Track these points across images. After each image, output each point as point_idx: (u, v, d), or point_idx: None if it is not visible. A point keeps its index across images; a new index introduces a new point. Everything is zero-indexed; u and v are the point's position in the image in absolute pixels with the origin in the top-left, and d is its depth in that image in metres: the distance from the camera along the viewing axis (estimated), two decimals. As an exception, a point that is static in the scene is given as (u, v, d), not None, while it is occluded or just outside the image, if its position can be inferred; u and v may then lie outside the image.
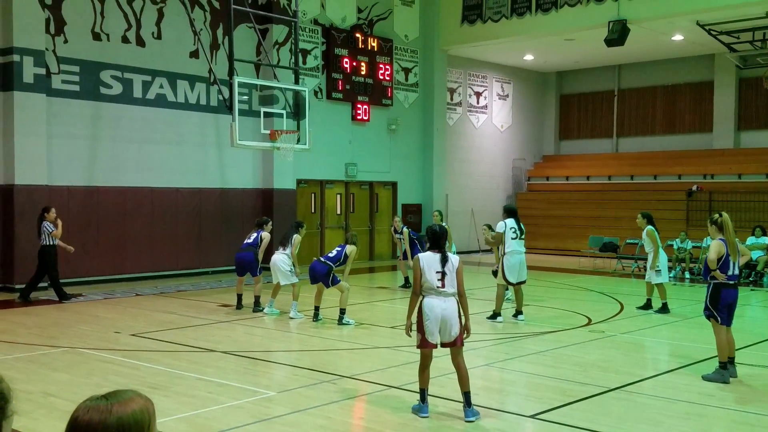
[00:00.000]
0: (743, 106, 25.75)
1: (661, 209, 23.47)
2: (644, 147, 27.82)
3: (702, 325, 9.40)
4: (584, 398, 7.87)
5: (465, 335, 7.20)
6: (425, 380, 7.24)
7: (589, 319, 12.82)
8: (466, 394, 7.13)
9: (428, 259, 7.13)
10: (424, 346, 7.13)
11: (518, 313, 12.72)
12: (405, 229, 17.01)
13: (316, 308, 12.52)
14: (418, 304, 7.18)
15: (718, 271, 8.54)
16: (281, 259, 12.92)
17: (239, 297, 13.89)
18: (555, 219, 26.36)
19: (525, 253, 12.86)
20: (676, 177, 25.35)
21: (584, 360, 9.73)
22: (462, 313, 7.16)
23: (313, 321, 12.43)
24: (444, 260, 7.10)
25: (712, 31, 21.74)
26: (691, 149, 26.48)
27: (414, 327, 7.23)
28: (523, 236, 12.76)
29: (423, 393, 7.25)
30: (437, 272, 7.06)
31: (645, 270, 14.31)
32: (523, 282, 12.84)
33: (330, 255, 12.44)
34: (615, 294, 16.18)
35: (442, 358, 7.80)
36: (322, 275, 12.18)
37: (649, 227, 13.75)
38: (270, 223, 14.33)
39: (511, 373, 9.24)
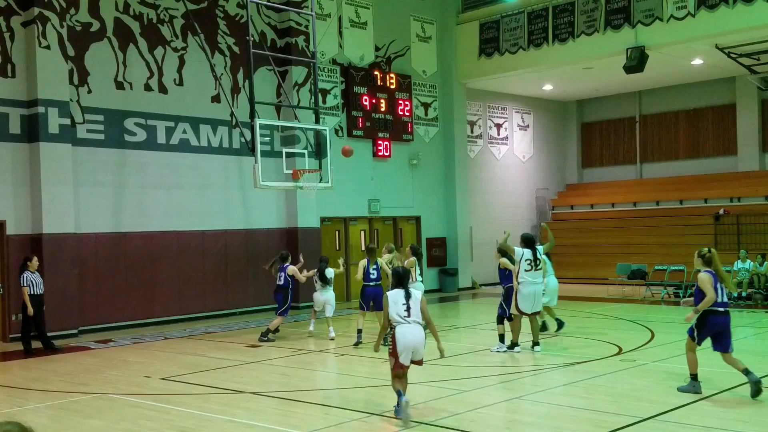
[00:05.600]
0: (767, 128, 25.55)
1: (688, 234, 23.27)
2: (669, 172, 27.65)
3: (736, 352, 9.27)
4: (618, 429, 7.76)
5: (439, 356, 8.74)
6: (404, 386, 8.48)
7: (620, 348, 12.67)
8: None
9: (394, 296, 8.64)
10: (398, 368, 8.45)
11: (535, 344, 12.60)
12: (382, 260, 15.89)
13: (359, 331, 13.73)
14: (391, 333, 8.48)
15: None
16: (333, 296, 14.88)
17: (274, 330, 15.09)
18: (581, 248, 26.15)
19: (541, 283, 12.73)
20: (703, 201, 25.14)
21: (616, 390, 9.61)
22: (434, 337, 8.66)
23: (354, 346, 13.36)
24: (408, 296, 8.59)
25: (731, 54, 21.67)
26: (716, 173, 26.29)
27: (387, 350, 8.69)
28: (539, 267, 12.61)
29: (399, 394, 8.40)
30: (403, 304, 8.53)
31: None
32: (538, 312, 12.80)
33: (373, 276, 13.91)
34: (645, 322, 15.99)
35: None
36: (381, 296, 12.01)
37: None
38: (289, 256, 15.51)
39: (543, 406, 9.13)
